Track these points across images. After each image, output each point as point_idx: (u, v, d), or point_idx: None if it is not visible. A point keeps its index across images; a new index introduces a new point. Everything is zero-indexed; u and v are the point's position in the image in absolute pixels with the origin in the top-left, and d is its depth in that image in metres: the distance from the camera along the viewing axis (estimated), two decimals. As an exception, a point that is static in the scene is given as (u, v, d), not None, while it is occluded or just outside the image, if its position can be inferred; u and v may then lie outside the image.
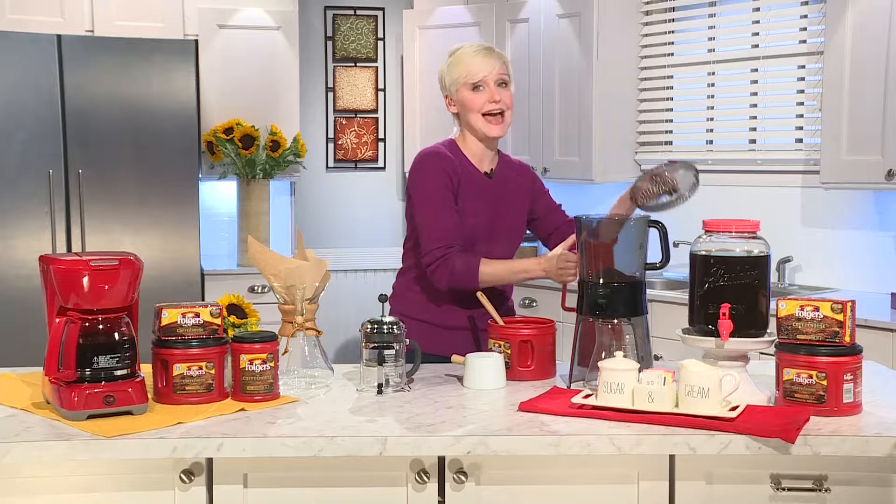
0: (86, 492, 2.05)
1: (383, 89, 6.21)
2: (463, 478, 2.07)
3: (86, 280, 2.13)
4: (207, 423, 2.12)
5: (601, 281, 2.45)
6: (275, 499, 2.08)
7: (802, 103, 4.69)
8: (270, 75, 5.52)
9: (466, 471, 2.07)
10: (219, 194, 5.74)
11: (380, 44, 6.19)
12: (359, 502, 2.09)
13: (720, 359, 2.29)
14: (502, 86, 2.88)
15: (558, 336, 2.67)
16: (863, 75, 4.11)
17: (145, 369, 2.29)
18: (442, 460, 2.08)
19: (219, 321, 2.31)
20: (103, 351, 2.15)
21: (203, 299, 5.15)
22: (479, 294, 2.72)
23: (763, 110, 4.89)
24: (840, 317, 2.15)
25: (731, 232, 2.33)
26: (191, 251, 5.09)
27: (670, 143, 5.33)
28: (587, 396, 2.23)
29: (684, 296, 3.12)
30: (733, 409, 2.11)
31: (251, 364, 2.29)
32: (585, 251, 2.50)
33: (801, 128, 4.71)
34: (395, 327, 2.41)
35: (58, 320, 2.16)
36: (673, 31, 5.27)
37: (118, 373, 2.16)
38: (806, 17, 4.68)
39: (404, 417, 2.17)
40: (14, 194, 4.76)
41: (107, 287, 2.15)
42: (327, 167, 6.18)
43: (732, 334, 2.24)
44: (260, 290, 5.18)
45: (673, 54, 5.27)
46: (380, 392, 2.38)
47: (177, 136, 5.03)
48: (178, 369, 2.25)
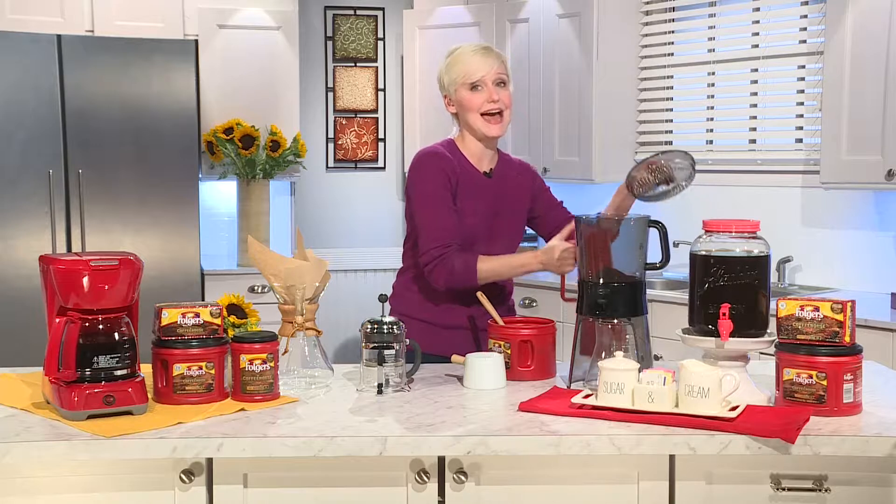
0: (86, 492, 2.05)
1: (383, 89, 6.21)
2: (463, 478, 2.07)
3: (86, 280, 2.13)
4: (207, 423, 2.12)
5: (601, 281, 2.44)
6: (275, 499, 2.08)
7: (802, 103, 4.69)
8: (270, 75, 5.52)
9: (466, 471, 2.07)
10: (219, 194, 5.74)
11: (380, 44, 6.19)
12: (359, 502, 2.09)
13: (720, 359, 2.29)
14: (501, 85, 2.88)
15: (558, 336, 2.67)
16: (863, 75, 4.11)
17: (145, 369, 2.29)
18: (442, 460, 2.08)
19: (219, 321, 2.31)
20: (103, 351, 2.15)
21: (203, 299, 5.15)
22: (480, 294, 2.72)
23: (763, 110, 4.89)
24: (840, 317, 2.15)
25: (731, 232, 2.33)
26: (191, 251, 5.09)
27: (670, 143, 5.33)
28: (587, 396, 2.23)
29: (684, 296, 3.12)
30: (733, 409, 2.11)
31: (251, 364, 2.29)
32: (585, 251, 2.49)
33: (801, 128, 4.71)
34: (395, 327, 2.41)
35: (58, 320, 2.16)
36: (673, 31, 5.27)
37: (118, 373, 2.16)
38: (806, 17, 4.68)
39: (404, 417, 2.17)
40: (14, 194, 4.76)
41: (107, 287, 2.15)
42: (327, 167, 6.18)
43: (732, 334, 2.24)
44: (260, 290, 5.18)
45: (673, 54, 5.27)
46: (380, 392, 2.38)
47: (177, 136, 5.03)
48: (178, 369, 2.25)
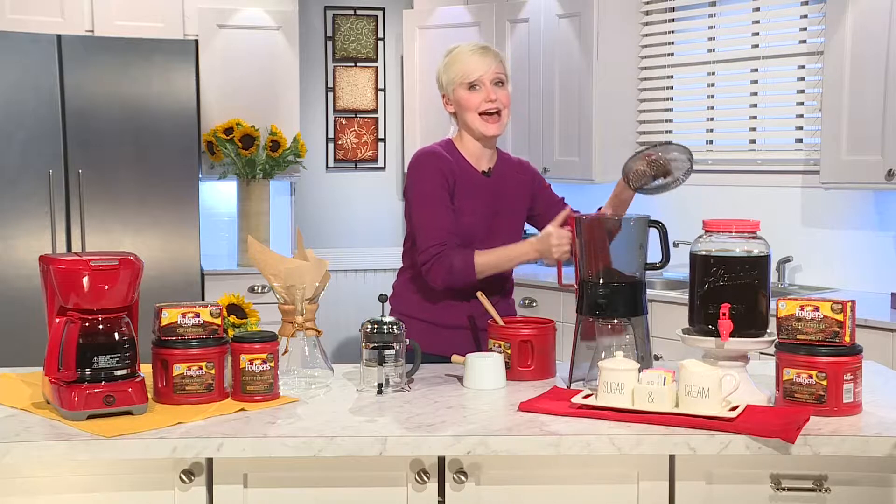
0: (86, 492, 2.05)
1: (383, 89, 6.21)
2: (463, 478, 2.07)
3: (86, 280, 2.13)
4: (207, 423, 2.12)
5: (601, 281, 2.44)
6: (275, 499, 2.08)
7: (802, 103, 4.69)
8: (270, 75, 5.52)
9: (466, 471, 2.07)
10: (219, 194, 5.74)
11: (380, 44, 6.18)
12: (359, 502, 2.09)
13: (720, 359, 2.29)
14: (499, 85, 2.88)
15: (558, 336, 2.67)
16: (863, 75, 4.11)
17: (145, 369, 2.29)
18: (442, 460, 2.08)
19: (219, 321, 2.31)
20: (103, 351, 2.15)
21: (203, 299, 5.15)
22: (480, 294, 2.72)
23: (763, 110, 4.89)
24: (840, 317, 2.15)
25: (731, 232, 2.33)
26: (191, 251, 5.09)
27: (670, 143, 5.32)
28: (587, 396, 2.23)
29: (684, 296, 3.12)
30: (733, 409, 2.11)
31: (251, 364, 2.29)
32: (585, 251, 2.49)
33: (801, 128, 4.71)
34: (395, 327, 2.41)
35: (58, 320, 2.16)
36: (673, 31, 5.27)
37: (118, 373, 2.16)
38: (806, 17, 4.68)
39: (404, 417, 2.17)
40: (14, 194, 4.76)
41: (107, 287, 2.15)
42: (327, 167, 6.18)
43: (732, 334, 2.24)
44: (260, 290, 5.18)
45: (673, 54, 5.27)
46: (380, 392, 2.38)
47: (177, 136, 5.03)
48: (178, 369, 2.25)
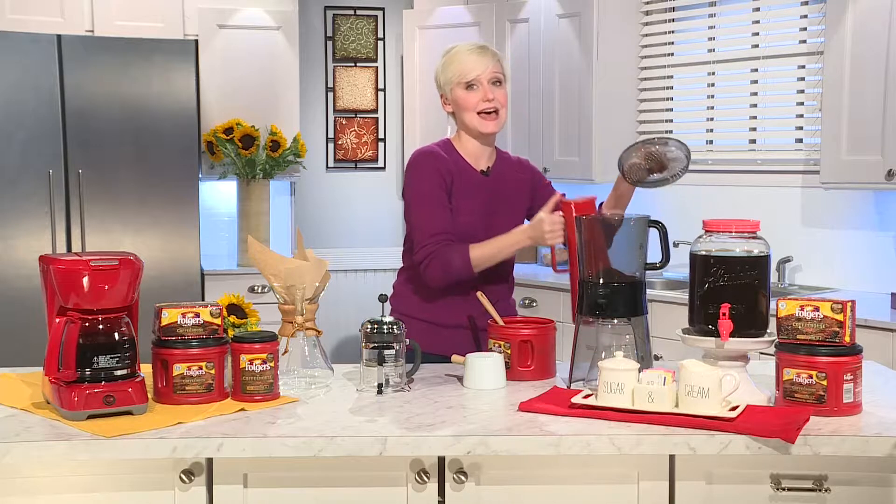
0: (86, 492, 2.05)
1: (383, 89, 6.21)
2: (463, 478, 2.07)
3: (86, 280, 2.13)
4: (207, 423, 2.12)
5: (601, 281, 2.44)
6: (275, 499, 2.08)
7: (802, 103, 4.69)
8: (270, 75, 5.52)
9: (466, 471, 2.07)
10: (219, 194, 5.74)
11: (380, 44, 6.18)
12: (359, 502, 2.09)
13: (720, 359, 2.29)
14: (496, 84, 2.88)
15: (558, 336, 2.67)
16: (863, 75, 4.11)
17: (145, 369, 2.29)
18: (442, 460, 2.08)
19: (219, 321, 2.31)
20: (103, 351, 2.14)
21: (203, 299, 5.15)
22: (479, 294, 2.72)
23: (763, 110, 4.89)
24: (840, 317, 2.15)
25: (731, 232, 2.33)
26: (191, 251, 5.09)
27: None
28: (587, 396, 2.23)
29: (684, 296, 3.12)
30: (733, 409, 2.11)
31: (251, 364, 2.29)
32: (585, 251, 2.49)
33: (801, 128, 4.71)
34: (395, 327, 2.41)
35: (58, 320, 2.16)
36: (673, 31, 5.27)
37: (118, 373, 2.16)
38: (806, 17, 4.68)
39: (404, 417, 2.17)
40: (14, 194, 4.76)
41: (107, 287, 2.15)
42: (327, 167, 6.18)
43: (732, 334, 2.24)
44: (260, 290, 5.18)
45: (673, 54, 5.27)
46: (380, 392, 2.38)
47: (177, 136, 5.03)
48: (178, 369, 2.25)
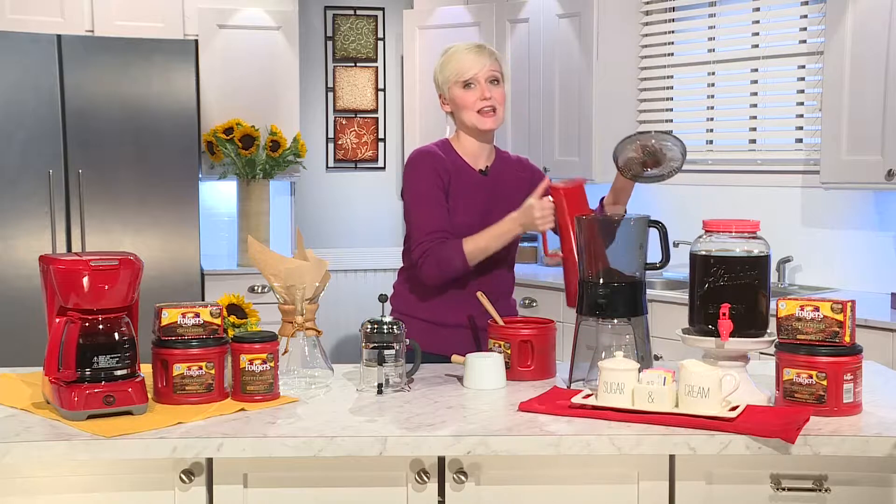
0: (86, 492, 2.05)
1: (383, 89, 6.21)
2: (463, 478, 2.07)
3: (86, 280, 2.13)
4: (207, 423, 2.12)
5: (601, 281, 2.44)
6: (275, 499, 2.08)
7: (802, 103, 4.69)
8: (270, 75, 5.52)
9: (466, 471, 2.07)
10: (219, 194, 5.74)
11: (380, 44, 6.18)
12: (359, 502, 2.09)
13: (720, 359, 2.29)
14: (494, 83, 2.87)
15: (558, 336, 2.67)
16: (863, 75, 4.11)
17: (145, 369, 2.29)
18: (442, 460, 2.08)
19: (219, 321, 2.31)
20: (103, 351, 2.14)
21: (203, 299, 5.15)
22: (480, 294, 2.72)
23: (763, 110, 4.89)
24: (840, 317, 2.15)
25: (731, 232, 2.33)
26: (191, 251, 5.09)
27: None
28: (587, 396, 2.23)
29: (684, 296, 3.12)
30: (733, 409, 2.11)
31: (251, 364, 2.29)
32: (585, 251, 2.49)
33: (801, 128, 4.71)
34: (395, 327, 2.41)
35: (58, 320, 2.15)
36: (673, 31, 5.27)
37: (118, 373, 2.15)
38: (806, 17, 4.68)
39: (404, 417, 2.17)
40: (14, 194, 4.76)
41: (107, 287, 2.15)
42: (327, 167, 6.18)
43: (732, 334, 2.24)
44: (260, 290, 5.18)
45: (673, 54, 5.27)
46: (380, 392, 2.38)
47: (177, 136, 5.03)
48: (178, 369, 2.25)
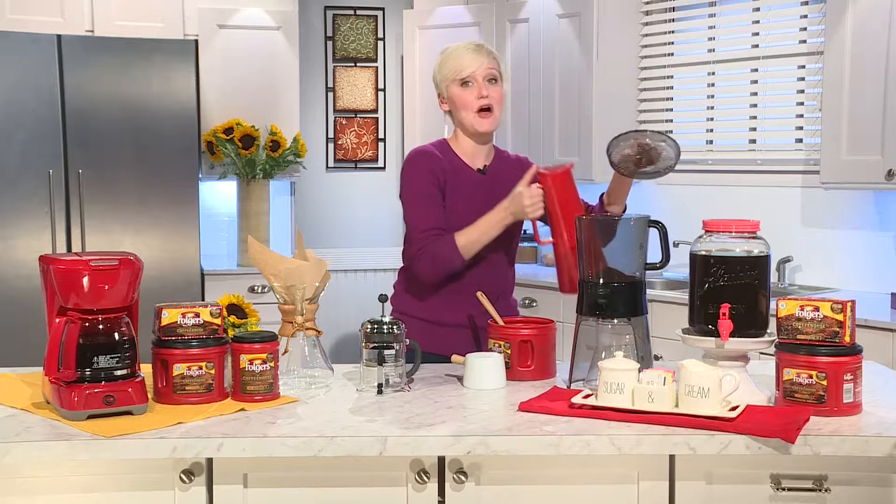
0: (86, 492, 2.05)
1: (383, 89, 6.21)
2: (463, 478, 2.07)
3: (86, 280, 2.13)
4: (207, 423, 2.12)
5: (601, 281, 2.44)
6: (275, 499, 2.08)
7: (802, 103, 4.69)
8: (270, 75, 5.52)
9: (466, 471, 2.07)
10: (219, 194, 5.74)
11: (380, 44, 6.18)
12: (359, 502, 2.09)
13: (720, 359, 2.29)
14: (492, 82, 2.87)
15: (558, 336, 2.67)
16: (863, 75, 4.11)
17: (145, 369, 2.29)
18: (442, 460, 2.08)
19: (219, 321, 2.31)
20: (103, 351, 2.14)
21: (203, 299, 5.15)
22: (480, 294, 2.72)
23: (763, 110, 4.89)
24: (840, 317, 2.15)
25: (731, 232, 2.33)
26: (191, 251, 5.09)
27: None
28: (587, 396, 2.23)
29: (684, 296, 3.12)
30: (733, 409, 2.11)
31: (251, 364, 2.29)
32: (584, 251, 2.49)
33: (801, 128, 4.71)
34: (395, 327, 2.41)
35: (58, 320, 2.16)
36: (673, 31, 5.27)
37: (118, 373, 2.15)
38: (806, 17, 4.68)
39: (404, 417, 2.17)
40: (14, 194, 4.76)
41: (107, 287, 2.15)
42: (327, 167, 6.18)
43: (732, 334, 2.24)
44: (260, 290, 5.18)
45: (673, 54, 5.27)
46: (380, 392, 2.38)
47: (177, 136, 5.03)
48: (178, 369, 2.25)
